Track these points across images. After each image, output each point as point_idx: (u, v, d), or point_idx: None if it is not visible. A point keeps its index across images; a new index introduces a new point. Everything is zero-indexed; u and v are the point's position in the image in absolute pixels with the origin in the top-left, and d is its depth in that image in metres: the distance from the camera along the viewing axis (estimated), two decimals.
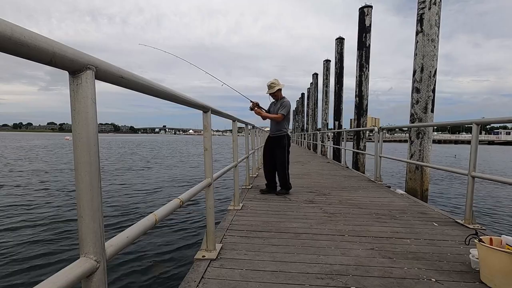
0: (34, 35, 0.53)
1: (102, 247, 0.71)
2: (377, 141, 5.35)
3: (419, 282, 1.64)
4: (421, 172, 5.04)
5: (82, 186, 0.68)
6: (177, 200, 1.30)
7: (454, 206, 7.10)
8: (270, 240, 2.29)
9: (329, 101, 16.12)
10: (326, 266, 1.83)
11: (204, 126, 1.95)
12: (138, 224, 0.95)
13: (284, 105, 3.93)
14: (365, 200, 3.75)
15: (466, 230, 2.57)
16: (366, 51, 9.46)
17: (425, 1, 5.00)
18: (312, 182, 5.17)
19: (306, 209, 3.24)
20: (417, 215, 3.05)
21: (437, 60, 5.05)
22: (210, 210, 1.96)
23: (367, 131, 9.92)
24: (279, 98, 4.01)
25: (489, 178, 2.75)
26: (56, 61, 0.59)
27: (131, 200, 6.83)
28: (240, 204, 3.34)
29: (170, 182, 9.63)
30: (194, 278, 1.66)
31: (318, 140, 13.40)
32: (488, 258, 1.62)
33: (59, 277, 0.60)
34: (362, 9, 9.50)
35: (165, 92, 1.14)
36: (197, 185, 1.68)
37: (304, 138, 21.33)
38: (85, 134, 0.67)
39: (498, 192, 8.85)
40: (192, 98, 1.55)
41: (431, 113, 5.06)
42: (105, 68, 0.73)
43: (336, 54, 13.30)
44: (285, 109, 3.93)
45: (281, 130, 3.98)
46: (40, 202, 6.46)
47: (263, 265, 1.84)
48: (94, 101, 0.68)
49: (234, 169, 3.17)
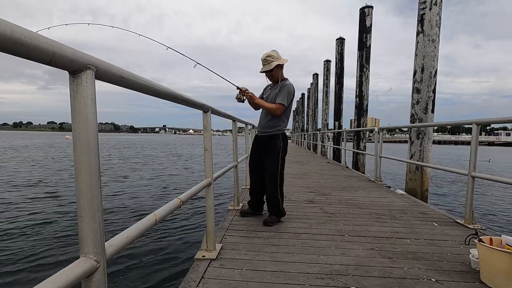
0: (34, 35, 0.53)
1: (102, 247, 0.71)
2: (377, 141, 5.35)
3: (419, 282, 1.64)
4: (421, 173, 5.04)
5: (82, 186, 0.68)
6: (177, 200, 1.30)
7: (454, 206, 7.09)
8: (270, 240, 2.29)
9: (329, 102, 16.12)
10: (326, 266, 1.83)
11: (204, 126, 1.95)
12: (138, 224, 0.96)
13: (285, 90, 2.70)
14: (365, 200, 3.75)
15: (466, 230, 2.57)
16: (367, 51, 9.46)
17: (425, 1, 5.00)
18: (312, 182, 5.17)
19: (306, 209, 3.24)
20: (417, 215, 3.05)
21: (437, 61, 5.05)
22: (210, 210, 1.96)
23: (367, 132, 9.92)
24: (279, 79, 2.77)
25: (489, 178, 2.75)
26: (56, 61, 0.59)
27: (131, 200, 6.83)
28: (240, 204, 3.33)
29: (170, 183, 9.63)
30: (194, 278, 1.66)
31: (318, 140, 13.41)
32: (488, 258, 1.61)
33: (59, 277, 0.60)
34: (363, 9, 9.50)
35: (165, 92, 1.14)
36: (197, 185, 1.69)
37: (304, 138, 21.33)
38: (85, 134, 0.67)
39: (498, 192, 8.85)
40: (192, 98, 1.56)
41: (431, 114, 5.06)
42: (105, 68, 0.73)
43: (336, 54, 13.30)
44: (286, 97, 2.69)
45: (275, 127, 2.76)
46: (40, 202, 6.46)
47: (263, 265, 1.84)
48: (94, 101, 0.68)
49: (234, 169, 3.17)
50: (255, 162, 2.92)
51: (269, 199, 2.78)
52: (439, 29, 5.01)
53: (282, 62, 2.72)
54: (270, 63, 2.69)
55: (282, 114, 2.76)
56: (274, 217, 2.72)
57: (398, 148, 31.37)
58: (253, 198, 2.98)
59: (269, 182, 2.74)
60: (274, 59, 2.69)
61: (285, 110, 2.75)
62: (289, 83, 2.75)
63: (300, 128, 31.44)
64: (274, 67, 2.68)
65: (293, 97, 2.76)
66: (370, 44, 9.47)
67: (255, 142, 2.96)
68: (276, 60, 2.69)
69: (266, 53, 2.72)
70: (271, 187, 2.73)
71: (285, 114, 2.79)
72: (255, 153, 2.94)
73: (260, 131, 2.87)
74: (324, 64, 17.01)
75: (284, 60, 2.74)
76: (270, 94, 2.82)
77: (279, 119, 2.77)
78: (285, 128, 2.85)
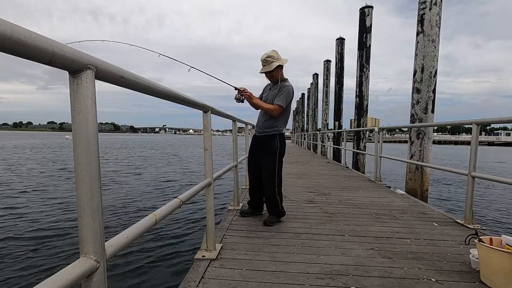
0: (34, 35, 0.53)
1: (102, 247, 0.71)
2: (377, 141, 5.35)
3: (419, 282, 1.64)
4: (421, 173, 5.04)
5: (82, 186, 0.68)
6: (177, 200, 1.30)
7: (454, 206, 7.09)
8: (270, 240, 2.29)
9: (329, 101, 16.14)
10: (326, 266, 1.83)
11: (204, 126, 1.95)
12: (138, 224, 0.96)
13: (284, 91, 2.68)
14: (365, 200, 3.75)
15: (466, 230, 2.57)
16: (367, 51, 9.47)
17: (425, 1, 5.00)
18: (312, 182, 5.17)
19: (306, 209, 3.24)
20: (417, 215, 3.05)
21: (437, 61, 5.05)
22: (210, 210, 1.96)
23: (367, 132, 9.92)
24: (279, 79, 2.75)
25: (489, 178, 2.75)
26: (56, 61, 0.59)
27: (131, 200, 6.83)
28: (240, 204, 3.33)
29: (170, 183, 9.63)
30: (194, 278, 1.66)
31: (318, 140, 13.41)
32: (488, 258, 1.61)
33: (59, 277, 0.60)
34: (363, 9, 9.50)
35: (165, 92, 1.14)
36: (197, 185, 1.68)
37: (304, 138, 21.34)
38: (85, 134, 0.67)
39: (498, 192, 8.85)
40: (192, 98, 1.56)
41: (431, 114, 5.06)
42: (105, 68, 0.73)
43: (336, 54, 13.30)
44: (285, 98, 2.67)
45: (272, 127, 2.76)
46: (40, 202, 6.46)
47: (263, 265, 1.84)
48: (94, 101, 0.68)
49: (234, 169, 3.17)
50: (253, 162, 2.92)
51: (268, 200, 2.78)
52: (439, 29, 5.01)
53: (282, 62, 2.70)
54: (271, 64, 2.66)
55: (280, 115, 2.74)
56: (274, 217, 2.72)
57: (398, 148, 31.36)
58: (252, 198, 2.98)
59: (267, 182, 2.74)
60: (275, 59, 2.66)
61: (283, 111, 2.74)
62: (289, 84, 2.74)
63: (300, 128, 31.46)
64: (274, 68, 2.66)
65: (291, 98, 2.74)
66: (370, 44, 9.47)
67: (253, 142, 2.96)
68: (277, 61, 2.66)
69: (266, 54, 2.68)
70: (269, 187, 2.73)
71: (283, 114, 2.77)
72: (253, 153, 2.93)
73: (257, 131, 2.87)
74: (324, 64, 17.02)
75: (285, 61, 2.72)
76: (269, 94, 2.80)
77: (277, 120, 2.76)
78: (282, 129, 2.83)
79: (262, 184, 2.80)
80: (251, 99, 2.76)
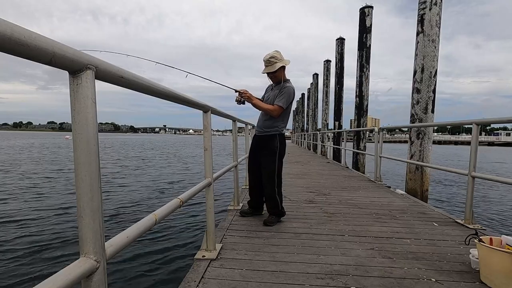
0: (34, 35, 0.53)
1: (102, 247, 0.71)
2: (377, 141, 5.35)
3: (419, 282, 1.64)
4: (421, 173, 5.04)
5: (82, 186, 0.68)
6: (177, 200, 1.30)
7: (454, 206, 7.09)
8: (270, 240, 2.29)
9: (329, 102, 16.14)
10: (326, 266, 1.83)
11: (204, 126, 1.95)
12: (138, 224, 0.96)
13: (285, 92, 2.69)
14: (365, 200, 3.75)
15: (466, 230, 2.57)
16: (367, 51, 9.47)
17: (425, 1, 5.00)
18: (312, 182, 5.17)
19: (306, 209, 3.24)
20: (417, 215, 3.05)
21: (437, 61, 5.05)
22: (210, 210, 1.96)
23: (367, 132, 9.92)
24: (281, 80, 2.74)
25: (489, 178, 2.75)
26: (56, 61, 0.59)
27: (131, 200, 6.83)
28: (240, 204, 3.33)
29: (169, 183, 9.63)
30: (194, 278, 1.66)
31: (318, 140, 13.41)
32: (488, 258, 1.61)
33: (59, 277, 0.60)
34: (363, 9, 9.51)
35: (165, 92, 1.14)
36: (197, 185, 1.69)
37: (304, 138, 21.34)
38: (85, 134, 0.67)
39: (498, 192, 8.85)
40: (192, 98, 1.56)
41: (431, 114, 5.06)
42: (105, 68, 0.73)
43: (336, 54, 13.30)
44: (285, 99, 2.68)
45: (272, 127, 2.77)
46: (39, 201, 6.46)
47: (263, 265, 1.84)
48: (94, 101, 0.68)
49: (234, 169, 3.17)
50: (253, 162, 2.92)
51: (267, 200, 2.78)
52: (439, 29, 5.01)
53: (285, 63, 2.69)
54: (274, 65, 2.64)
55: (280, 115, 2.75)
56: (274, 217, 2.72)
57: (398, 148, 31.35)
58: (252, 198, 2.98)
59: (266, 182, 2.74)
60: (278, 60, 2.65)
61: (284, 112, 2.75)
62: (290, 85, 2.73)
63: (300, 128, 31.45)
64: (278, 69, 2.65)
65: (292, 99, 2.74)
66: (370, 44, 9.47)
67: (253, 142, 2.97)
68: (280, 62, 2.65)
69: (269, 54, 2.66)
70: (269, 187, 2.73)
71: (283, 115, 2.78)
72: (253, 153, 2.94)
73: (258, 131, 2.88)
74: (324, 64, 17.02)
75: (287, 62, 2.71)
76: (270, 95, 2.81)
77: (277, 120, 2.76)
78: (282, 129, 2.83)
79: (262, 184, 2.81)
80: (251, 100, 2.76)
